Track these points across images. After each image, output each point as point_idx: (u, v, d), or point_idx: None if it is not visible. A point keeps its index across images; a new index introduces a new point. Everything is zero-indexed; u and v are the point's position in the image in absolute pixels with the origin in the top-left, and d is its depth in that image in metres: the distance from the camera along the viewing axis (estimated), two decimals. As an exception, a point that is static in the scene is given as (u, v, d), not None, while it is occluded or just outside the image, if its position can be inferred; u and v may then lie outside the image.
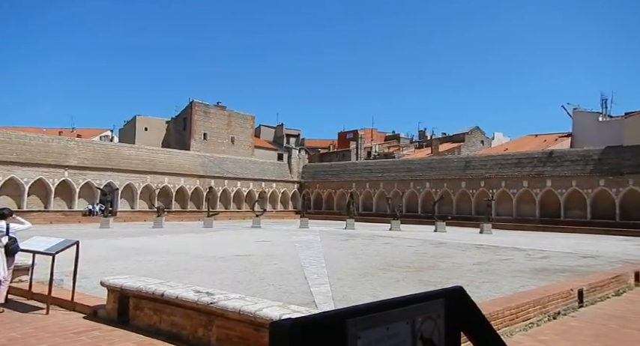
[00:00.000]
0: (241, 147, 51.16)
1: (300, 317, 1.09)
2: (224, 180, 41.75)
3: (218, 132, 49.74)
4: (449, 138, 59.00)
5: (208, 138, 48.76)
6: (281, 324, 1.02)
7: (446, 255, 14.99)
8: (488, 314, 4.86)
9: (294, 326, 1.01)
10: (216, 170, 41.79)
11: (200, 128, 48.26)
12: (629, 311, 6.34)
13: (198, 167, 40.71)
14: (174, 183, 38.09)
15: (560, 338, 4.89)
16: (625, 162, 30.01)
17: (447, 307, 1.46)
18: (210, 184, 39.31)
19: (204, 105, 49.29)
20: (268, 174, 46.25)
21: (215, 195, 39.49)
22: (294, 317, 1.07)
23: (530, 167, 34.40)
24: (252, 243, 17.94)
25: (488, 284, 9.34)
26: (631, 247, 19.13)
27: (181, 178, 38.64)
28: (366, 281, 9.52)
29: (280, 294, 7.70)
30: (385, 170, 43.53)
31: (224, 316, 4.37)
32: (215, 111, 50.21)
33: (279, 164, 49.78)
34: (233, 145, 50.54)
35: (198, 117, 48.22)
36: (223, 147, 49.10)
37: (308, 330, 1.04)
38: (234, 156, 46.75)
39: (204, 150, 45.65)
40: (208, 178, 40.33)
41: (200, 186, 39.55)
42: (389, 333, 1.28)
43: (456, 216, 36.08)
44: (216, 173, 41.51)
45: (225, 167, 42.88)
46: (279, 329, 1.02)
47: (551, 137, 45.94)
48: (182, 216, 36.67)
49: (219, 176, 41.41)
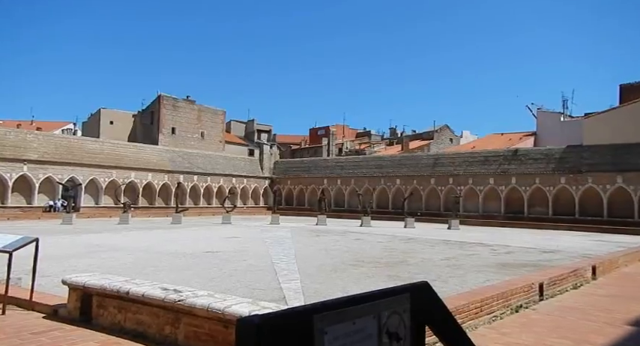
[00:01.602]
0: (211, 142, 50.38)
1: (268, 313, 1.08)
2: (193, 176, 41.06)
3: (187, 126, 48.79)
4: (419, 135, 60.00)
5: (177, 132, 47.76)
6: (248, 321, 1.01)
7: (415, 250, 15.27)
8: (455, 308, 4.98)
9: (262, 323, 1.01)
10: (185, 165, 41.03)
11: (168, 122, 47.20)
12: (586, 303, 6.63)
13: (166, 162, 39.85)
14: (142, 179, 37.16)
15: (522, 330, 5.08)
16: (584, 161, 31.33)
17: (413, 302, 1.49)
18: (179, 180, 38.57)
19: (172, 99, 48.21)
20: (239, 169, 45.79)
21: (184, 191, 38.80)
22: (262, 314, 1.06)
23: (496, 165, 35.43)
24: (222, 240, 17.73)
25: (455, 278, 9.57)
26: (589, 242, 20.01)
27: (149, 173, 37.74)
28: (336, 276, 9.58)
29: (250, 291, 7.65)
30: (356, 166, 43.86)
31: (192, 313, 4.31)
32: (184, 105, 49.21)
33: (250, 160, 49.36)
34: (203, 140, 49.72)
35: (166, 112, 47.14)
36: (193, 142, 48.23)
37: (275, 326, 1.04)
38: (204, 151, 46.02)
39: (173, 145, 44.70)
40: (177, 173, 39.56)
41: (168, 181, 38.75)
42: (355, 328, 1.29)
43: (425, 212, 36.79)
44: (186, 168, 40.77)
45: (195, 162, 42.16)
46: (246, 325, 1.01)
47: (516, 136, 47.44)
48: (149, 212, 35.84)
49: (188, 171, 40.69)
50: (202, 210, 40.05)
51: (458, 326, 1.69)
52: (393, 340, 1.42)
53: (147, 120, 48.53)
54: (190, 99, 50.59)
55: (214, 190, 42.51)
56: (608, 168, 29.99)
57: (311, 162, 48.89)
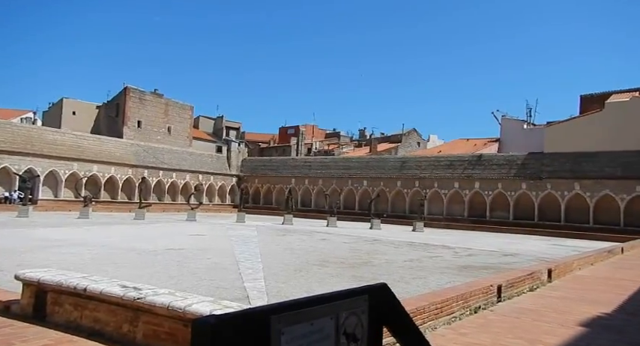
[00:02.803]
0: (178, 137, 49.34)
1: (224, 314, 1.06)
2: (159, 171, 40.12)
3: (154, 120, 47.58)
4: (387, 138, 60.83)
5: (143, 126, 46.49)
6: (203, 321, 0.99)
7: (380, 251, 15.46)
8: (416, 308, 5.07)
9: (217, 324, 0.99)
10: (150, 160, 40.02)
11: (134, 115, 45.88)
12: (541, 305, 6.90)
13: (130, 156, 38.74)
14: (104, 172, 36.00)
15: (480, 330, 5.22)
16: (544, 168, 32.62)
17: (371, 303, 1.50)
18: (144, 174, 37.59)
19: (139, 91, 46.90)
20: (206, 166, 45.07)
21: (148, 186, 37.83)
22: (217, 314, 1.04)
23: (460, 169, 36.37)
24: (186, 237, 17.40)
25: (417, 280, 9.75)
26: (546, 246, 20.84)
27: (112, 167, 36.60)
28: (300, 276, 9.57)
29: (213, 289, 7.54)
30: (325, 167, 44.01)
31: (152, 312, 4.20)
32: (151, 98, 47.96)
33: (218, 156, 48.67)
34: (170, 135, 48.62)
35: (132, 104, 45.80)
36: (159, 137, 47.07)
37: (231, 327, 1.02)
38: (171, 146, 45.02)
39: (139, 139, 43.50)
40: (142, 168, 38.55)
41: (132, 175, 37.70)
42: (313, 329, 1.29)
43: (391, 214, 37.33)
44: (151, 163, 39.78)
45: (161, 157, 41.19)
46: (202, 326, 0.99)
47: (481, 141, 48.84)
48: (111, 207, 34.76)
49: (153, 166, 39.72)
50: (167, 206, 39.20)
51: (415, 327, 1.72)
52: (351, 340, 1.43)
53: (112, 113, 47.01)
54: (158, 93, 49.37)
55: (180, 186, 41.68)
56: (567, 176, 31.33)
57: (279, 161, 48.70)
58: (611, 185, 29.41)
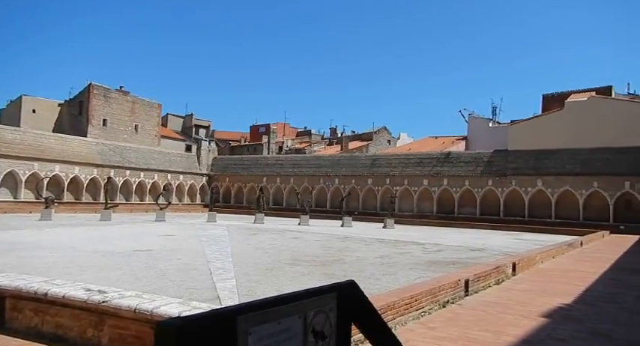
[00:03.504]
0: (146, 136, 48.12)
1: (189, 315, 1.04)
2: (125, 171, 39.03)
3: (120, 118, 46.21)
4: (358, 136, 61.30)
5: (109, 124, 45.09)
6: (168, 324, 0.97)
7: (351, 249, 15.58)
8: (386, 304, 5.14)
9: (182, 326, 0.97)
10: (116, 159, 38.89)
11: (99, 113, 44.43)
12: (506, 297, 7.13)
13: (95, 155, 37.53)
14: (67, 172, 34.72)
15: (448, 324, 5.35)
16: (509, 165, 33.67)
17: (339, 300, 1.51)
18: (110, 174, 36.45)
19: (104, 88, 45.43)
20: (175, 165, 44.19)
21: (115, 186, 36.72)
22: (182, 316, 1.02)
23: (430, 166, 37.08)
24: (155, 237, 17.02)
25: (388, 276, 9.89)
26: (511, 241, 21.52)
27: (76, 167, 35.33)
28: (272, 275, 9.54)
29: (183, 291, 7.41)
30: (296, 165, 43.95)
31: (118, 315, 4.09)
32: (117, 96, 46.55)
33: (188, 155, 47.80)
34: (137, 134, 47.35)
35: (97, 102, 44.33)
36: (125, 135, 45.77)
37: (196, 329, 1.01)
38: (138, 145, 43.88)
39: (104, 138, 42.17)
40: (107, 168, 37.40)
41: (97, 175, 36.53)
42: (281, 328, 1.28)
43: (363, 211, 37.72)
44: (117, 162, 38.65)
45: (128, 156, 40.09)
46: (166, 329, 0.96)
47: (449, 139, 49.93)
48: (75, 208, 33.57)
49: (120, 166, 38.61)
50: (134, 206, 38.19)
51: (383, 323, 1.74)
52: (319, 338, 1.44)
53: (75, 111, 45.37)
54: (124, 90, 47.99)
55: (148, 186, 40.70)
56: (530, 172, 32.45)
57: (250, 159, 48.30)
58: (571, 181, 30.66)
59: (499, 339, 4.72)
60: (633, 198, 28.68)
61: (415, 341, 4.58)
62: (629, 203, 28.87)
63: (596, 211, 29.54)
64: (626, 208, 28.86)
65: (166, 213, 28.70)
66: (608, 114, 30.73)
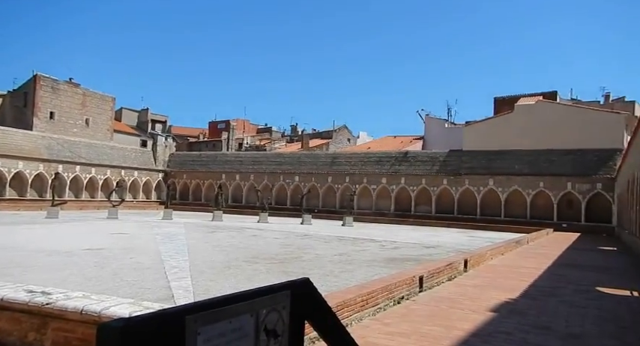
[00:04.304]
0: (98, 130, 46.07)
1: (134, 316, 1.01)
2: (75, 166, 37.26)
3: (69, 112, 43.95)
4: (319, 134, 61.54)
5: (57, 117, 42.78)
6: (109, 326, 0.93)
7: (310, 246, 15.63)
8: (343, 301, 5.19)
9: (126, 328, 0.93)
10: (65, 154, 37.02)
11: (46, 106, 42.03)
12: (457, 293, 7.39)
13: (42, 150, 35.55)
14: (10, 167, 32.69)
15: (402, 320, 5.48)
16: (463, 165, 34.89)
17: (293, 298, 1.51)
18: (58, 170, 34.70)
19: (52, 80, 43.02)
20: (129, 161, 42.64)
21: (63, 182, 35.01)
22: (126, 317, 0.99)
23: (388, 165, 37.80)
24: (106, 236, 16.36)
25: (346, 273, 10.00)
26: (464, 238, 22.32)
27: (19, 162, 33.34)
28: (230, 273, 9.41)
29: (135, 290, 7.17)
30: (256, 162, 43.58)
31: (63, 317, 3.89)
32: (66, 88, 44.24)
33: (143, 151, 46.22)
34: (88, 128, 45.23)
35: (44, 94, 41.92)
36: (76, 129, 43.61)
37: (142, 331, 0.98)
38: (90, 139, 41.96)
39: (51, 131, 39.98)
40: (55, 163, 35.55)
41: (44, 171, 34.63)
42: (231, 327, 1.27)
43: (322, 209, 37.94)
44: (66, 158, 36.81)
45: (78, 151, 38.27)
46: (107, 331, 0.93)
47: (407, 139, 51.07)
48: (19, 205, 31.68)
49: (69, 161, 36.79)
50: (84, 203, 36.56)
51: (337, 321, 1.75)
52: (271, 337, 1.43)
53: (19, 102, 42.69)
54: (74, 82, 45.69)
55: (100, 182, 39.05)
56: (482, 172, 33.76)
57: (209, 156, 47.39)
58: (520, 181, 32.17)
59: (450, 333, 4.88)
60: (574, 198, 30.48)
61: (370, 337, 4.66)
62: (571, 202, 30.66)
63: (541, 210, 31.16)
64: (568, 207, 30.65)
65: (119, 211, 27.67)
66: (553, 118, 32.46)
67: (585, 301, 7.12)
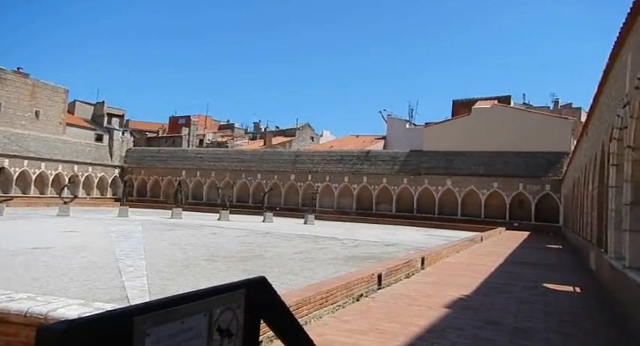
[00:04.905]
0: (49, 123, 43.74)
1: (76, 318, 0.97)
2: (23, 160, 35.33)
3: (17, 103, 41.46)
4: (282, 132, 61.27)
5: (3, 109, 40.21)
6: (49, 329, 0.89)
7: (271, 244, 15.55)
8: (302, 299, 5.20)
9: (67, 331, 0.89)
10: (12, 148, 35.01)
11: (-9, 96, 39.53)
12: (414, 290, 7.57)
13: (-14, 142, 33.45)
14: (-50, 160, 30.59)
15: (360, 317, 5.56)
16: (423, 165, 35.76)
17: (248, 297, 1.50)
18: (4, 164, 32.77)
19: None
20: (83, 156, 40.86)
21: (9, 177, 33.10)
22: (69, 320, 0.95)
23: (350, 164, 38.19)
24: (57, 234, 15.61)
25: (306, 271, 10.02)
26: (422, 236, 22.89)
27: (-39, 154, 31.25)
28: (188, 272, 9.22)
29: (86, 291, 6.88)
30: (218, 159, 42.89)
31: (5, 320, 3.67)
32: (14, 78, 41.71)
33: (98, 146, 44.40)
34: (38, 120, 42.85)
35: (-11, 83, 39.40)
36: (24, 122, 41.22)
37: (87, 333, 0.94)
38: (39, 133, 39.85)
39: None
40: (1, 157, 33.54)
41: (-11, 165, 32.60)
42: (183, 327, 1.24)
43: (284, 207, 37.85)
44: (13, 151, 34.82)
45: (26, 145, 36.28)
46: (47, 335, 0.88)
47: (369, 138, 51.73)
48: (-40, 201, 29.67)
49: (16, 155, 34.84)
50: (33, 200, 34.70)
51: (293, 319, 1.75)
52: (225, 336, 1.41)
53: (-39, 91, 39.89)
54: (22, 72, 43.17)
55: (50, 178, 37.19)
56: (441, 172, 34.74)
57: (169, 152, 46.20)
58: (475, 181, 33.36)
59: (406, 330, 5.00)
60: (525, 198, 31.95)
61: (328, 334, 4.69)
62: (522, 202, 32.13)
63: (495, 209, 32.44)
64: (519, 207, 32.10)
65: (71, 208, 26.48)
66: (507, 121, 33.87)
67: (533, 297, 7.48)
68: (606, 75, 9.45)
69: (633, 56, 6.52)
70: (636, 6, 6.12)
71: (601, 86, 10.31)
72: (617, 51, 7.96)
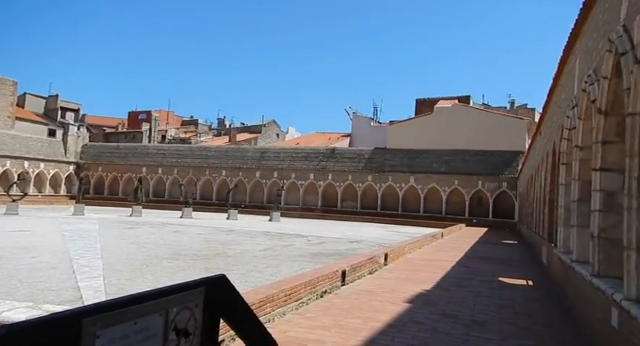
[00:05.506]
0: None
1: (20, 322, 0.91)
2: (-31, 155, 33.25)
3: (-39, 94, 39.04)
4: (247, 128, 60.60)
5: (-54, 100, 37.79)
6: (-13, 335, 0.83)
7: (235, 242, 15.36)
8: (265, 297, 5.16)
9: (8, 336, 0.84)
10: (-44, 141, 32.87)
11: None
12: (377, 286, 7.68)
13: None
14: None
15: (324, 313, 5.58)
16: (387, 162, 36.32)
17: (207, 295, 1.46)
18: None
19: (-59, 56, 37.85)
20: (34, 151, 38.91)
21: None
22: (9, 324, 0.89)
23: (316, 161, 38.28)
24: (4, 234, 14.78)
25: (270, 268, 9.96)
26: (386, 233, 23.25)
27: None
28: (148, 271, 8.96)
29: (37, 293, 6.53)
30: (180, 155, 41.95)
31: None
32: (-40, 66, 39.16)
33: (51, 141, 42.38)
34: (-16, 113, 40.46)
35: None
36: (-31, 114, 38.85)
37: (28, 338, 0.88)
38: (-14, 126, 37.63)
39: (-61, 115, 35.26)
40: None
41: None
42: (137, 328, 1.20)
43: (249, 204, 37.51)
44: (-43, 145, 32.71)
45: (-28, 138, 34.14)
46: (-15, 340, 0.83)
47: (335, 136, 52.01)
48: None
49: (-40, 149, 32.74)
50: (-20, 197, 32.72)
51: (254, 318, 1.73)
52: (182, 336, 1.38)
53: None
54: (-31, 60, 40.57)
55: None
56: (404, 170, 35.41)
57: (128, 148, 44.74)
58: (437, 179, 34.23)
59: (368, 325, 5.06)
60: (484, 195, 33.10)
61: (292, 331, 4.68)
62: (481, 199, 33.26)
63: (455, 206, 33.41)
64: (478, 204, 33.23)
65: (21, 206, 25.15)
66: (467, 120, 34.92)
67: (489, 290, 7.76)
68: (557, 78, 9.91)
69: (581, 60, 6.87)
70: (583, 13, 6.45)
71: (553, 88, 10.80)
72: (567, 55, 8.36)
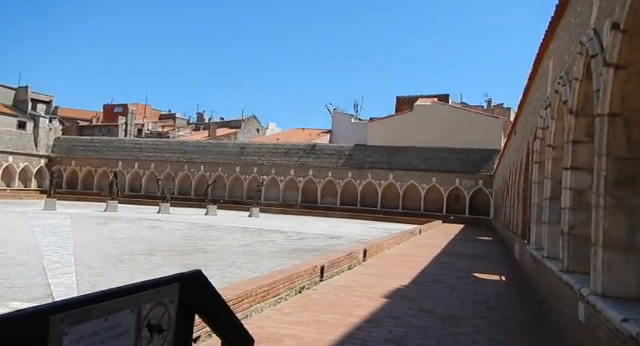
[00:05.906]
0: (-36, 107, 39.86)
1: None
2: None
3: None
4: (226, 123, 59.98)
5: None
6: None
7: (214, 237, 15.23)
8: (243, 293, 5.13)
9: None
10: None
11: None
12: (355, 281, 7.73)
13: None
14: None
15: (302, 309, 5.58)
16: (367, 159, 36.53)
17: (182, 291, 1.44)
18: None
19: None
20: (2, 144, 37.69)
21: None
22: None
23: (296, 157, 38.20)
24: (-27, 229, 14.29)
25: (249, 264, 9.91)
26: (365, 229, 23.41)
27: None
28: (122, 267, 8.79)
29: (3, 290, 6.32)
30: (158, 150, 41.25)
31: None
32: None
33: (20, 133, 41.04)
34: (-49, 103, 38.92)
35: None
36: None
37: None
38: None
39: None
40: None
41: None
42: (108, 325, 1.18)
43: (229, 199, 37.17)
44: None
45: (-62, 129, 32.81)
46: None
47: (315, 132, 51.97)
48: None
49: None
50: (-54, 190, 31.55)
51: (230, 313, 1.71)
52: (155, 332, 1.36)
53: None
54: None
55: (-34, 167, 33.96)
56: (384, 166, 35.67)
57: (103, 141, 43.76)
58: (416, 176, 34.62)
59: (346, 320, 5.09)
60: (461, 193, 33.66)
61: (269, 327, 4.67)
62: (458, 196, 33.82)
63: (433, 203, 33.87)
64: (455, 201, 33.77)
65: (-9, 199, 24.34)
66: (445, 119, 35.39)
67: (464, 286, 7.90)
68: (532, 78, 10.13)
69: (554, 62, 7.03)
70: (556, 15, 6.61)
71: (527, 88, 11.03)
72: (541, 57, 8.56)
